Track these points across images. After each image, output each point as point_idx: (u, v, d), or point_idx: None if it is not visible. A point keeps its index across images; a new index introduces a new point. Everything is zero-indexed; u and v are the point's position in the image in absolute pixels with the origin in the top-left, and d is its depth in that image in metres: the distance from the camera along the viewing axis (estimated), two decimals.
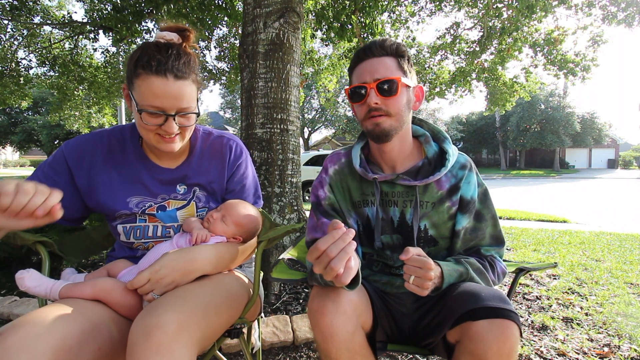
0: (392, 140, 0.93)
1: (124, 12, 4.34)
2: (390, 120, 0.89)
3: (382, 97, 0.87)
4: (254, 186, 1.12)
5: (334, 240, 0.62)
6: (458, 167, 0.95)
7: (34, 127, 23.79)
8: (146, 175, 0.97)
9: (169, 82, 0.79)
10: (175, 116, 0.83)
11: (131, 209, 0.95)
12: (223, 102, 33.54)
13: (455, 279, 0.86)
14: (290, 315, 1.92)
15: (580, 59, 5.89)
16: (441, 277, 0.84)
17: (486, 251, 0.98)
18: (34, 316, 0.67)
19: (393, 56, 0.89)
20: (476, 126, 36.75)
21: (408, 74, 0.91)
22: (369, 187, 0.98)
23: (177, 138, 0.88)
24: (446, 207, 0.94)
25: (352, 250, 0.62)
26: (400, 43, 0.91)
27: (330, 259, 0.61)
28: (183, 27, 0.88)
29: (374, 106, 0.88)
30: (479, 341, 0.72)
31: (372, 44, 0.90)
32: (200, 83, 0.89)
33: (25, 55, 6.85)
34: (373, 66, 0.88)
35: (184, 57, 0.83)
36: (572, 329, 1.88)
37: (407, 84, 0.90)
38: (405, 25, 6.35)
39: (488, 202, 0.98)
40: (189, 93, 0.83)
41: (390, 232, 0.97)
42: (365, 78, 0.88)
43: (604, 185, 15.32)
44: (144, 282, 0.80)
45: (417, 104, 0.95)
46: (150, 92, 0.79)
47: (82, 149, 0.95)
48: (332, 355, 0.78)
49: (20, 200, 0.64)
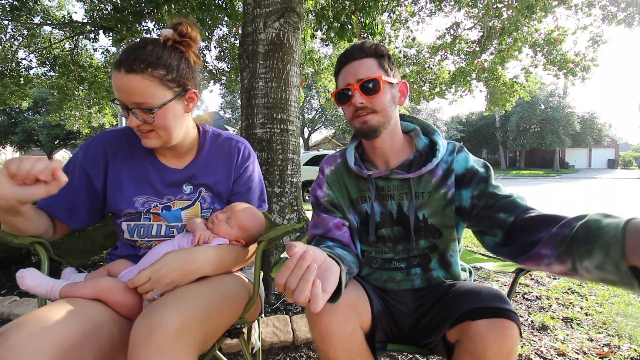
0: (381, 136, 0.95)
1: (124, 12, 4.34)
2: (376, 116, 0.93)
3: (366, 96, 0.91)
4: (259, 190, 1.12)
5: (289, 271, 0.57)
6: (448, 154, 0.97)
7: (34, 127, 23.78)
8: (154, 174, 0.98)
9: (120, 75, 0.81)
10: (133, 110, 0.84)
11: (136, 208, 0.96)
12: (223, 102, 33.55)
13: None
14: (290, 315, 1.92)
15: (580, 59, 5.90)
16: None
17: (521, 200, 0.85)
18: (34, 316, 0.67)
19: (373, 57, 0.93)
20: (476, 126, 36.76)
21: (390, 71, 0.94)
22: (365, 183, 1.00)
23: (152, 135, 0.89)
24: (442, 193, 0.94)
25: (312, 276, 0.56)
26: (379, 44, 0.95)
27: (292, 291, 0.56)
28: (178, 22, 0.90)
29: (359, 105, 0.92)
30: (479, 341, 0.72)
31: (351, 48, 0.95)
32: (172, 81, 0.86)
33: (25, 56, 6.86)
34: (355, 68, 0.92)
35: (149, 52, 0.83)
36: (572, 329, 1.89)
37: (389, 81, 0.93)
38: (405, 25, 6.36)
39: (492, 172, 0.93)
40: (140, 88, 0.81)
41: (390, 224, 0.99)
42: (349, 80, 0.93)
43: (604, 185, 15.31)
44: (144, 280, 0.80)
45: (402, 99, 0.98)
46: (114, 84, 0.83)
47: (95, 149, 0.97)
48: (330, 356, 0.79)
49: (24, 165, 0.71)
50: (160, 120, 0.86)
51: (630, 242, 0.53)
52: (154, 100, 0.84)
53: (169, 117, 0.87)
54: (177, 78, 0.87)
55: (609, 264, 0.56)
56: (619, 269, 0.54)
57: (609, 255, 0.55)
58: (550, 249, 0.67)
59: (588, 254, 0.59)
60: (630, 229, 0.54)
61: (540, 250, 0.68)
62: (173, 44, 0.88)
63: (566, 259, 0.63)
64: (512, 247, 0.78)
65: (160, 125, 0.87)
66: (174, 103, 0.88)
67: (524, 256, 0.72)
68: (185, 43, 0.91)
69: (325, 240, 0.97)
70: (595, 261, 0.58)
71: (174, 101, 0.87)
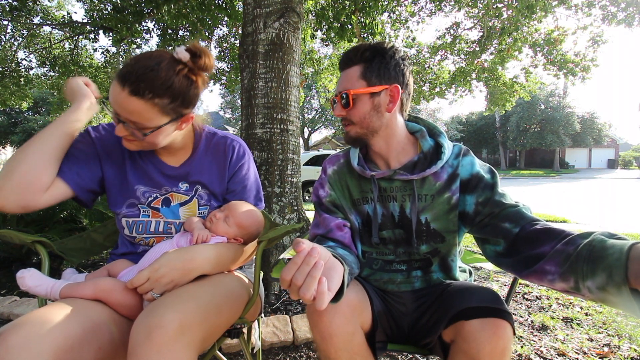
0: (374, 141, 0.97)
1: (124, 12, 4.34)
2: (355, 127, 0.95)
3: (343, 108, 0.93)
4: (255, 188, 1.13)
5: (297, 267, 0.57)
6: (453, 157, 0.95)
7: (34, 127, 23.76)
8: (152, 168, 1.00)
9: (122, 93, 0.79)
10: (125, 124, 0.84)
11: (138, 198, 0.98)
12: (223, 102, 33.55)
13: None
14: (290, 315, 1.92)
15: (580, 59, 5.90)
16: None
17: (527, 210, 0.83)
18: (34, 316, 0.67)
19: (359, 63, 0.91)
20: (476, 126, 36.75)
21: (374, 79, 0.90)
22: (367, 184, 0.99)
23: (135, 143, 0.90)
24: (446, 197, 0.93)
25: (318, 273, 0.56)
26: (371, 47, 0.91)
27: (298, 288, 0.56)
28: (198, 50, 0.86)
29: (339, 117, 0.95)
30: (472, 340, 0.72)
31: (344, 55, 0.95)
32: (173, 109, 0.85)
33: (25, 56, 6.87)
34: (340, 79, 0.95)
35: (161, 80, 0.80)
36: (572, 329, 1.89)
37: (369, 91, 0.90)
38: (405, 25, 6.36)
39: (497, 179, 0.92)
40: (140, 111, 0.81)
41: (392, 227, 0.98)
42: (336, 91, 0.96)
43: (604, 185, 15.31)
44: (143, 281, 0.80)
45: (391, 106, 0.92)
46: (111, 92, 0.82)
47: (107, 137, 0.99)
48: (331, 356, 0.79)
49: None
50: (149, 138, 0.87)
51: (634, 267, 0.54)
52: (149, 123, 0.84)
53: (159, 137, 0.88)
54: (178, 106, 0.86)
55: (611, 286, 0.56)
56: (621, 291, 0.55)
57: (612, 278, 0.56)
58: (554, 265, 0.67)
59: (591, 274, 0.59)
60: (634, 254, 0.54)
61: (544, 265, 0.68)
62: (186, 73, 0.85)
63: (569, 277, 0.63)
64: (515, 259, 0.77)
65: (147, 141, 0.88)
66: (168, 126, 0.88)
67: (527, 270, 0.72)
68: (198, 73, 0.88)
69: (327, 240, 0.97)
70: (598, 282, 0.58)
71: (168, 125, 0.87)
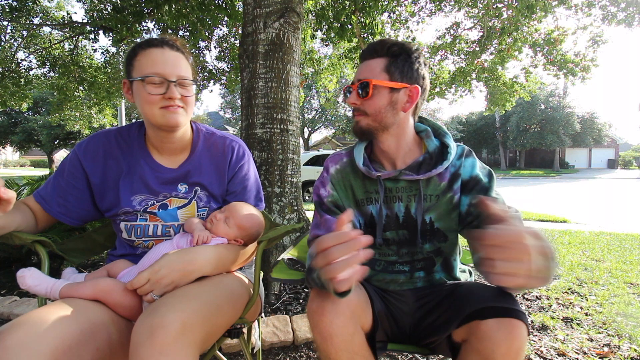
0: (383, 138, 0.96)
1: (124, 12, 4.33)
2: (367, 119, 0.93)
3: (360, 98, 0.92)
4: (255, 188, 1.12)
5: (340, 242, 0.58)
6: (456, 157, 0.96)
7: (34, 127, 23.78)
8: (149, 173, 0.98)
9: (166, 51, 0.89)
10: (176, 83, 0.88)
11: (134, 207, 0.96)
12: (223, 102, 33.54)
13: None
14: (290, 315, 1.92)
15: (580, 59, 5.89)
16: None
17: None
18: (33, 316, 0.67)
19: (385, 57, 0.91)
20: (476, 126, 36.74)
21: (397, 75, 0.90)
22: (372, 185, 0.99)
23: (181, 110, 0.91)
24: (449, 197, 0.94)
25: (355, 261, 0.58)
26: (398, 43, 0.91)
27: (332, 259, 0.58)
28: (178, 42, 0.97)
29: (352, 106, 0.94)
30: (487, 340, 0.71)
31: (369, 45, 0.94)
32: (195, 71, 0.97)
33: (25, 57, 6.86)
34: (362, 67, 0.94)
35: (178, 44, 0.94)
36: (572, 329, 1.88)
37: (390, 86, 0.90)
38: (405, 25, 6.34)
39: (494, 183, 0.94)
40: (185, 64, 0.92)
41: (396, 227, 0.98)
42: (354, 79, 0.94)
43: (604, 185, 15.31)
44: (143, 282, 0.80)
45: (407, 105, 0.93)
46: (150, 61, 0.87)
47: (95, 147, 0.98)
48: (331, 356, 0.78)
49: None
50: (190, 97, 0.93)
51: None
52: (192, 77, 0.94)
53: (193, 98, 0.95)
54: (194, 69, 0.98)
55: None
56: None
57: None
58: None
59: None
60: None
61: None
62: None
63: None
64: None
65: (189, 102, 0.93)
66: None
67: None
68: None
69: None
70: None
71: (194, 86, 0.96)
